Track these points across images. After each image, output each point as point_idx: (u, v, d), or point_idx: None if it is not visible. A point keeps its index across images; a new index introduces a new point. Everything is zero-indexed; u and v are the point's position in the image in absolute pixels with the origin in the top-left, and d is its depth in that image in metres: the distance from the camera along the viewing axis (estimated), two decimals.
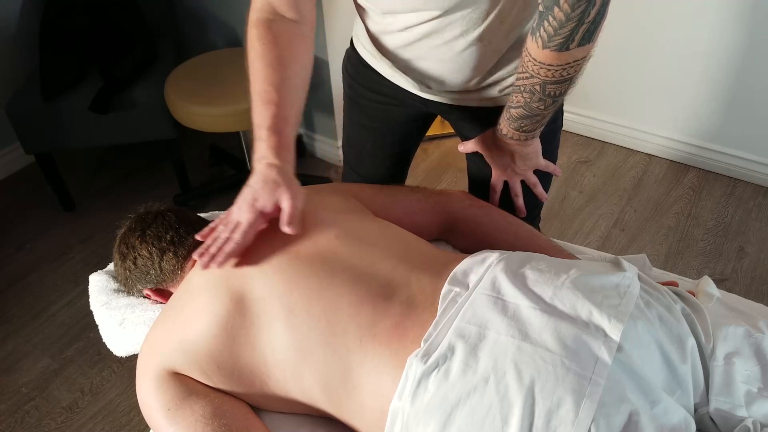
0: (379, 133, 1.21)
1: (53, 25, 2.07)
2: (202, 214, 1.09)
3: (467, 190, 1.14)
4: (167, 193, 2.34)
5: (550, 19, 0.75)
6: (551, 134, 1.05)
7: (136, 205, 1.05)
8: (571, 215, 2.17)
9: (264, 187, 0.82)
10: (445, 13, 0.88)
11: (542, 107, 0.89)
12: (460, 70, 0.98)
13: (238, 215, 0.83)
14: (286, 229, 0.79)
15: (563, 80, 0.83)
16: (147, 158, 2.53)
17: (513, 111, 0.93)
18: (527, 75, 0.85)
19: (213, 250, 0.82)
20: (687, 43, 2.12)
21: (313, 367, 0.76)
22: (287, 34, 0.90)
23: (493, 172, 1.10)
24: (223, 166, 2.48)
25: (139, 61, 2.12)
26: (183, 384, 0.79)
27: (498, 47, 0.94)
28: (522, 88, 0.88)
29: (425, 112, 1.18)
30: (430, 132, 2.55)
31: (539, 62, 0.81)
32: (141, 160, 2.53)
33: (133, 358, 0.99)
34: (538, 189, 1.10)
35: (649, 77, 2.26)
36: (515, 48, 0.96)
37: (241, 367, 0.78)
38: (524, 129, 0.95)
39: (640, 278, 0.81)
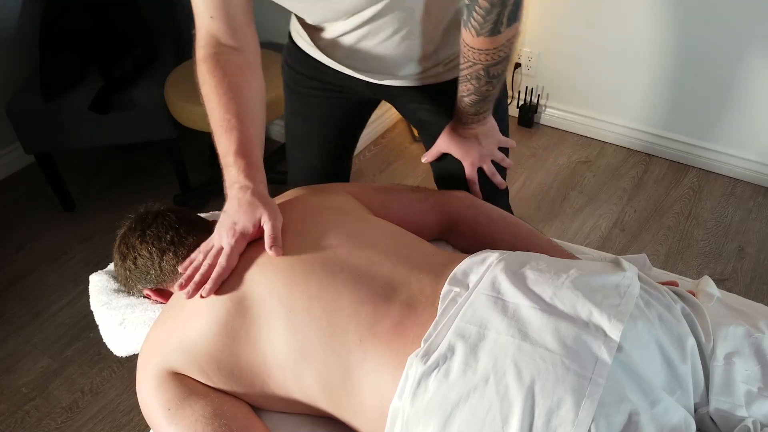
0: (321, 122, 1.23)
1: (53, 25, 2.07)
2: (202, 214, 1.09)
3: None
4: (167, 193, 2.34)
5: (477, 9, 0.81)
6: (497, 105, 1.10)
7: (136, 205, 1.05)
8: (571, 215, 2.17)
9: (240, 210, 0.82)
10: (374, 17, 0.93)
11: (490, 88, 0.96)
12: (400, 62, 1.04)
13: (219, 241, 0.83)
14: (270, 251, 0.79)
15: (502, 60, 0.90)
16: (147, 158, 2.53)
17: (466, 99, 0.99)
18: (470, 63, 0.91)
19: (197, 278, 0.81)
20: (686, 44, 2.12)
21: (313, 367, 0.76)
22: (235, 64, 0.92)
23: (466, 165, 1.14)
24: None
25: (139, 61, 2.12)
26: (183, 384, 0.79)
27: (431, 36, 1.00)
28: (468, 77, 0.94)
29: (370, 99, 1.21)
30: None
31: (477, 49, 0.87)
32: (141, 160, 2.53)
33: (133, 358, 0.99)
34: (506, 161, 1.17)
35: (649, 77, 2.26)
36: (448, 32, 1.01)
37: (241, 367, 0.78)
38: (481, 111, 1.02)
39: (640, 278, 0.81)
